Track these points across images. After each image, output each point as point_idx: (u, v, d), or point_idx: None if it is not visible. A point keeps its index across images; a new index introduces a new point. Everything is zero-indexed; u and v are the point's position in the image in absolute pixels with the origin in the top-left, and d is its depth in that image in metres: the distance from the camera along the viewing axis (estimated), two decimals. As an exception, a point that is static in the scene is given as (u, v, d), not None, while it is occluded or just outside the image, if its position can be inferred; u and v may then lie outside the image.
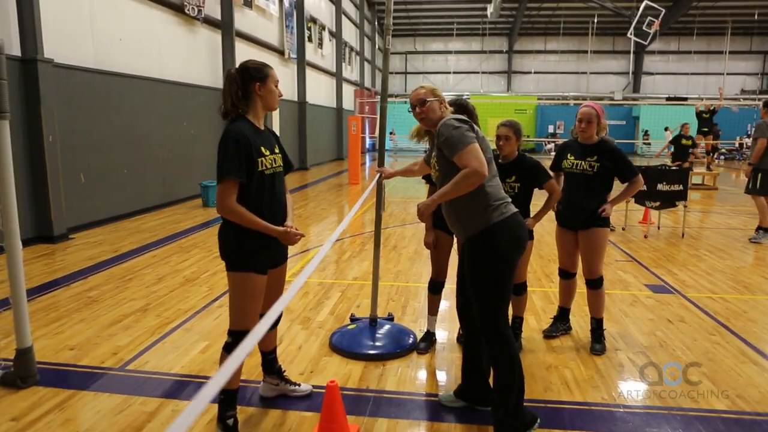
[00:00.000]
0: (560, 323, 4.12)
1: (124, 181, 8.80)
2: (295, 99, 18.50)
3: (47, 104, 6.90)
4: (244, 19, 13.73)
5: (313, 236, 7.82)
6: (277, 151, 2.69)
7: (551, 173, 4.03)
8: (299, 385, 3.16)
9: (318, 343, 3.93)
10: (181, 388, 3.27)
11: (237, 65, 2.65)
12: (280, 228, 2.58)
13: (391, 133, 28.10)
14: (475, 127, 2.67)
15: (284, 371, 3.15)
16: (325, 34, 22.10)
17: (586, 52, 30.99)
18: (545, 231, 7.62)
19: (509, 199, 2.73)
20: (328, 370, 3.49)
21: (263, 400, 3.09)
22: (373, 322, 3.97)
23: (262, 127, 2.65)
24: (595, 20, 28.60)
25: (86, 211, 7.88)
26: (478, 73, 34.40)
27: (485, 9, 27.49)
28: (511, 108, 28.58)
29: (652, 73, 32.48)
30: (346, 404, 3.01)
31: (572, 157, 3.77)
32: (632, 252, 6.79)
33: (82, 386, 3.26)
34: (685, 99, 24.92)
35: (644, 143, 26.62)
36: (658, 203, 7.57)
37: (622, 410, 3.02)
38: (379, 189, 3.87)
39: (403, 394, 3.19)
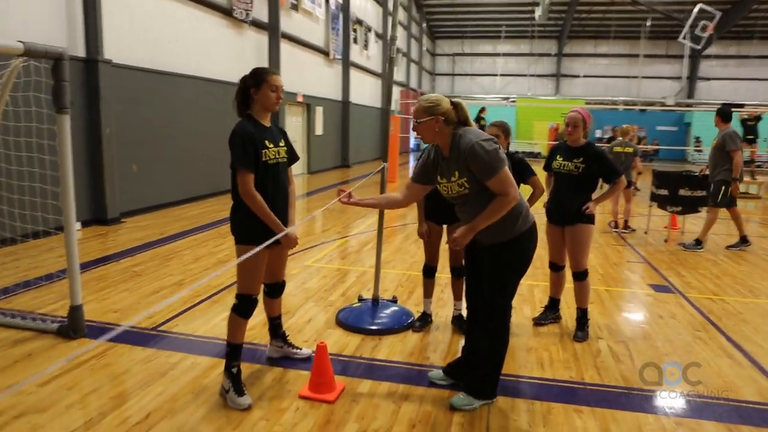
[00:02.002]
0: (550, 312, 4.42)
1: (173, 172, 9.56)
2: (339, 98, 19.11)
3: (106, 100, 7.68)
4: (290, 22, 14.40)
5: (341, 228, 8.32)
6: (282, 144, 3.13)
7: (545, 172, 4.37)
8: (300, 348, 3.63)
9: (326, 318, 4.39)
10: (201, 346, 3.80)
11: (280, 65, 3.09)
12: (283, 228, 2.97)
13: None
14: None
15: (288, 336, 3.62)
16: (371, 36, 22.65)
17: (637, 56, 30.29)
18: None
19: (528, 206, 2.95)
20: (329, 340, 3.94)
21: (269, 360, 3.58)
22: (375, 302, 4.39)
23: (268, 124, 3.07)
24: (648, 23, 27.93)
25: (137, 198, 8.66)
26: (525, 75, 34.17)
27: (534, 11, 27.38)
28: (558, 112, 28.30)
29: (708, 78, 31.40)
30: (339, 367, 3.48)
31: (560, 158, 4.08)
32: (648, 254, 6.93)
33: (120, 340, 3.84)
34: (742, 105, 24.06)
35: (695, 150, 25.86)
36: (679, 208, 7.64)
37: (583, 387, 3.34)
38: (382, 179, 4.29)
39: (391, 362, 3.61)
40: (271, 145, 3.01)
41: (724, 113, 6.90)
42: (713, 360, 3.78)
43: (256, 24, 12.48)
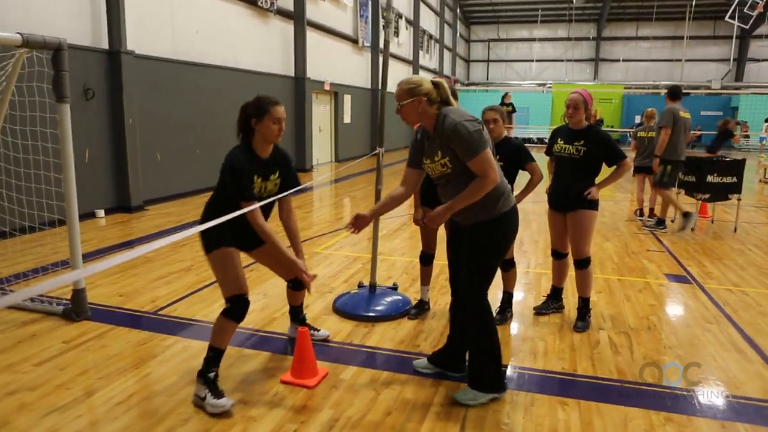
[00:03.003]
0: (552, 302, 4.30)
1: (196, 161, 9.74)
2: (369, 86, 19.05)
3: (128, 91, 7.87)
4: (317, 10, 14.40)
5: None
6: (273, 177, 3.05)
7: (546, 157, 4.23)
8: (318, 330, 3.68)
9: (323, 304, 4.40)
10: (196, 330, 3.86)
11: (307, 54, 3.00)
12: (294, 258, 3.01)
13: (468, 122, 28.03)
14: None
15: (306, 319, 3.66)
16: (402, 23, 22.44)
17: (681, 38, 29.03)
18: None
19: (510, 189, 2.90)
20: (321, 326, 3.92)
21: (290, 340, 3.65)
22: (372, 289, 4.37)
23: (265, 155, 3.00)
24: (693, 3, 26.69)
25: (161, 186, 8.88)
26: (563, 61, 33.27)
27: (571, -6, 26.58)
28: (596, 97, 27.42)
29: (758, 60, 29.80)
30: (326, 354, 3.49)
31: (561, 142, 3.94)
32: (670, 243, 6.66)
33: (120, 323, 3.96)
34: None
35: (743, 135, 24.66)
36: (707, 195, 7.29)
37: (573, 378, 3.23)
38: (378, 164, 4.25)
39: (379, 350, 3.59)
40: (258, 180, 2.96)
41: (670, 91, 7.07)
42: (719, 354, 3.60)
43: (282, 13, 12.53)
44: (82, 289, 4.02)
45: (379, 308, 4.17)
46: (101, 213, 7.72)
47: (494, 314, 4.03)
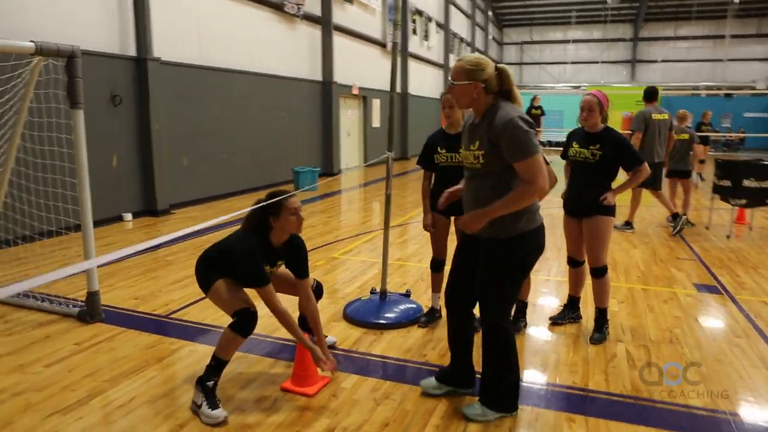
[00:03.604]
0: (569, 311, 4.14)
1: (222, 166, 9.88)
2: (398, 90, 19.01)
3: (154, 97, 8.03)
4: (344, 15, 14.45)
5: (380, 219, 8.26)
6: (279, 264, 3.10)
7: (563, 161, 4.09)
8: (326, 336, 3.59)
9: (334, 310, 4.35)
10: (204, 334, 3.87)
11: (334, 63, 2.94)
12: (312, 345, 2.97)
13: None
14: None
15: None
16: (432, 26, 22.35)
17: (723, 37, 28.00)
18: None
19: (539, 205, 2.68)
20: (329, 332, 3.88)
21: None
22: (383, 296, 4.30)
23: (279, 245, 3.02)
24: (736, 1, 25.71)
25: (187, 190, 9.02)
26: (598, 62, 32.55)
27: (606, -6, 25.99)
28: (632, 99, 26.71)
29: (807, 59, 28.51)
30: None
31: (577, 145, 3.80)
32: (702, 251, 6.36)
33: (132, 326, 4.00)
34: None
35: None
36: (744, 201, 6.95)
37: (584, 394, 3.09)
38: (388, 170, 4.18)
39: (385, 358, 3.52)
40: (267, 267, 2.98)
41: (645, 93, 7.14)
42: (748, 372, 3.38)
43: (309, 18, 12.62)
44: (95, 292, 4.08)
45: (388, 315, 4.10)
46: (129, 216, 7.89)
47: (507, 323, 3.97)
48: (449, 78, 2.58)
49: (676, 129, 7.75)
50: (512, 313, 3.41)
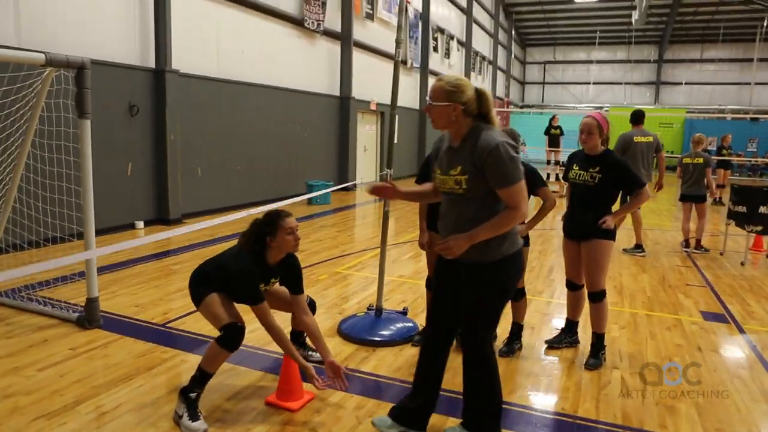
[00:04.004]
0: (566, 335, 4.07)
1: (236, 177, 10.00)
2: (417, 107, 19.11)
3: (171, 108, 8.20)
4: (364, 31, 14.61)
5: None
6: (272, 281, 3.15)
7: (565, 183, 4.05)
8: (316, 351, 3.54)
9: (329, 325, 4.34)
10: (197, 344, 3.89)
11: (353, 79, 3.06)
12: (305, 363, 3.01)
13: (522, 144, 27.58)
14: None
15: (306, 341, 3.62)
16: (454, 44, 22.47)
17: (751, 60, 27.55)
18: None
19: (519, 228, 2.64)
20: (322, 347, 3.88)
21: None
22: (378, 313, 4.28)
23: (274, 263, 3.05)
24: (765, 24, 25.33)
25: (200, 201, 9.15)
26: (621, 84, 32.27)
27: (631, 15, 25.82)
28: (656, 121, 26.40)
29: (838, 84, 27.88)
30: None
31: (576, 168, 3.76)
32: (714, 277, 6.21)
33: (128, 333, 4.05)
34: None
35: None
36: (760, 228, 6.78)
37: (571, 421, 3.02)
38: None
39: (373, 376, 3.49)
40: (261, 285, 3.05)
41: (632, 116, 7.28)
42: (746, 406, 3.27)
43: (328, 33, 12.79)
44: (95, 298, 4.15)
45: (382, 333, 4.08)
46: (140, 224, 8.02)
47: (502, 345, 3.92)
48: (427, 97, 2.53)
49: (691, 153, 7.62)
50: (495, 336, 3.30)
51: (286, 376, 3.07)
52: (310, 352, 3.59)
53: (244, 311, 2.99)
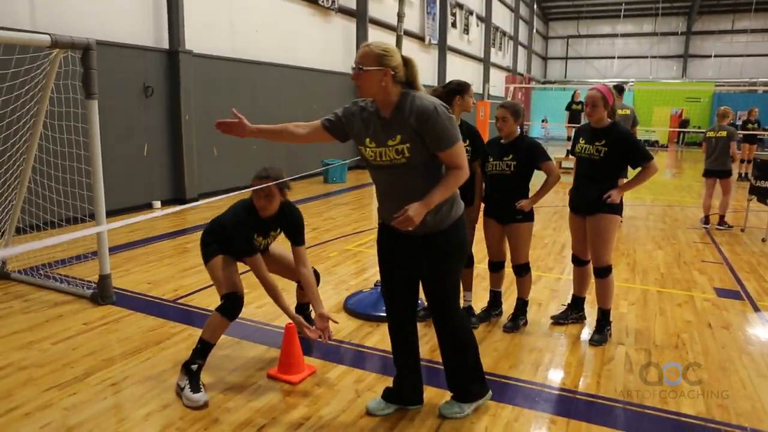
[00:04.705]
0: (572, 311, 4.04)
1: (253, 156, 10.06)
2: (435, 84, 18.89)
3: (186, 88, 8.27)
4: (380, 7, 14.43)
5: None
6: (272, 234, 3.32)
7: (571, 157, 3.97)
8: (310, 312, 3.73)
9: (335, 301, 4.40)
10: (204, 319, 3.96)
11: None
12: (296, 316, 3.19)
13: (543, 121, 27.13)
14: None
15: (311, 315, 3.67)
16: (473, 20, 22.06)
17: (785, 30, 26.46)
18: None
19: None
20: (327, 323, 3.93)
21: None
22: (384, 289, 4.30)
23: (268, 217, 3.18)
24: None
25: (216, 180, 9.25)
26: (647, 57, 31.35)
27: (657, -15, 24.98)
28: (682, 96, 25.66)
29: None
30: (319, 351, 3.47)
31: (583, 141, 3.69)
32: (732, 254, 6.07)
33: (139, 309, 4.16)
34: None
35: None
36: (782, 203, 6.59)
37: (572, 396, 3.01)
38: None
39: (375, 350, 3.53)
40: (259, 238, 3.22)
41: (614, 88, 7.36)
42: (753, 381, 3.22)
43: (344, 11, 12.67)
44: (107, 275, 4.26)
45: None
46: (158, 204, 8.17)
47: (507, 321, 3.91)
48: (354, 63, 2.36)
49: (715, 127, 7.41)
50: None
51: (288, 350, 3.13)
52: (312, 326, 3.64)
53: (253, 287, 3.04)
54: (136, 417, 2.72)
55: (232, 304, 3.00)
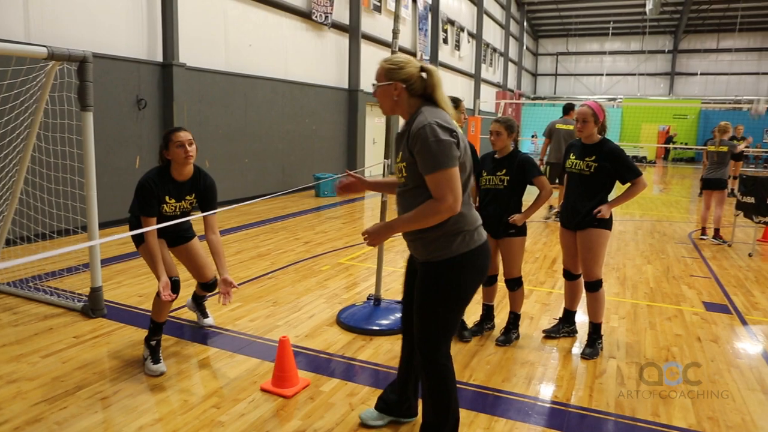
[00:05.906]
0: (564, 325, 4.07)
1: (245, 169, 10.08)
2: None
3: (179, 101, 8.28)
4: (373, 23, 14.58)
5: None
6: (188, 198, 3.39)
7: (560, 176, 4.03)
8: (208, 317, 4.09)
9: (328, 315, 4.39)
10: (194, 332, 3.96)
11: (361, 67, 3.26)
12: (161, 274, 3.26)
13: (533, 137, 27.41)
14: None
15: (204, 307, 4.11)
16: (464, 36, 22.34)
17: (768, 49, 27.05)
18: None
19: (480, 222, 2.38)
20: (320, 336, 3.93)
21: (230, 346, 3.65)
22: (377, 303, 4.31)
23: (183, 179, 3.29)
24: (783, 13, 24.84)
25: (208, 193, 9.22)
26: (635, 75, 31.86)
27: (645, 5, 25.45)
28: (669, 113, 26.09)
29: None
30: (314, 364, 3.47)
31: (573, 157, 3.75)
32: (719, 269, 6.15)
33: (130, 322, 4.13)
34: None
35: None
36: (768, 219, 6.70)
37: (564, 409, 3.03)
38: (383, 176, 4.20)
39: (368, 364, 3.53)
40: (172, 200, 3.31)
41: (564, 107, 8.72)
42: (740, 393, 3.26)
43: (337, 26, 12.80)
44: (98, 288, 4.23)
45: (380, 322, 4.11)
46: (149, 217, 8.12)
47: (499, 334, 3.93)
48: (374, 80, 2.33)
49: (715, 141, 7.53)
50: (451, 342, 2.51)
51: (281, 363, 3.12)
52: (202, 317, 4.07)
53: (246, 300, 3.03)
54: (128, 431, 2.70)
55: (173, 285, 3.26)
